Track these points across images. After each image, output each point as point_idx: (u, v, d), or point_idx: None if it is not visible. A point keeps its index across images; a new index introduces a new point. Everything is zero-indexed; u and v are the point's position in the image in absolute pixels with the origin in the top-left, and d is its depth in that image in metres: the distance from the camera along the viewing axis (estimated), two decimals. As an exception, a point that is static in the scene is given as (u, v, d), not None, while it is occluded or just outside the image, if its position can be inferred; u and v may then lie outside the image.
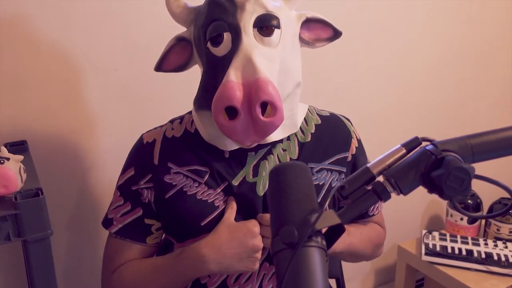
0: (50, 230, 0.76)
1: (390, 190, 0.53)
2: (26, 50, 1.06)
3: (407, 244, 1.66)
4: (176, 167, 0.86)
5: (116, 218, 0.89)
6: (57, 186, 1.15)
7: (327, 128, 0.93)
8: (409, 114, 1.71)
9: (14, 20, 1.03)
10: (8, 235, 0.74)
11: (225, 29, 0.76)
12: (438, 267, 1.53)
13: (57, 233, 1.05)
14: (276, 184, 0.53)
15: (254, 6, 0.76)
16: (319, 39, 0.86)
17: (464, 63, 1.78)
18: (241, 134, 0.74)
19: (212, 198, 0.85)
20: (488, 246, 1.58)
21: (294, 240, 0.48)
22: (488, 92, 1.90)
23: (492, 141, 0.56)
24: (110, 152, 1.21)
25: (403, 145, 0.56)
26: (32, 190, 0.77)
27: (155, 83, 1.21)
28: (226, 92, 0.72)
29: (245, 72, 0.73)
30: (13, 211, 0.73)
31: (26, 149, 1.02)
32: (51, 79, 1.10)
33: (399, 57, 1.62)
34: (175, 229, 0.89)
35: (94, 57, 1.14)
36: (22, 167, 0.81)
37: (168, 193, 0.86)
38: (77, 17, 1.10)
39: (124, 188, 0.89)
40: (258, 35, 0.76)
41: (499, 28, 1.82)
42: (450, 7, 1.66)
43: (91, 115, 1.17)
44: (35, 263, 0.76)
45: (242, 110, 0.72)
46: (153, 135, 0.89)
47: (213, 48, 0.77)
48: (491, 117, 1.93)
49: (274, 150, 0.87)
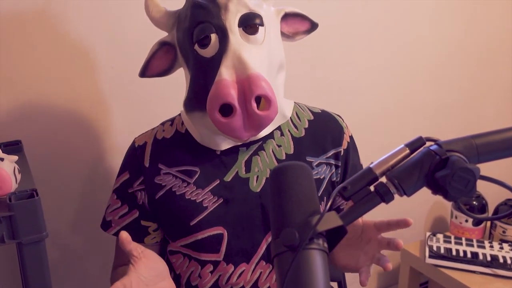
0: (45, 232, 0.76)
1: (393, 191, 0.53)
2: (21, 49, 1.06)
3: (411, 247, 1.66)
4: (166, 168, 0.88)
5: (114, 220, 0.92)
6: (52, 187, 1.15)
7: (320, 124, 0.96)
8: (412, 114, 1.71)
9: (13, 18, 1.03)
10: (2, 237, 0.74)
11: (211, 30, 0.78)
12: (443, 270, 1.53)
13: (53, 235, 1.05)
14: (277, 185, 0.53)
15: (237, 6, 0.79)
16: (298, 32, 0.90)
17: (467, 62, 1.78)
18: (238, 129, 0.77)
19: (200, 198, 0.87)
20: (494, 249, 1.58)
21: (295, 243, 0.48)
22: (492, 91, 1.90)
23: (497, 141, 0.56)
24: (105, 152, 1.21)
25: (407, 145, 0.56)
26: (27, 191, 0.77)
27: (151, 84, 1.21)
28: (221, 90, 0.74)
29: (236, 70, 0.75)
30: (7, 213, 0.73)
31: (21, 149, 1.02)
32: (45, 78, 1.10)
33: (402, 56, 1.62)
34: (167, 229, 0.92)
35: (90, 55, 1.14)
36: (16, 167, 0.81)
37: (158, 193, 0.88)
38: (74, 15, 1.10)
39: (120, 191, 0.92)
40: (243, 34, 0.79)
41: (502, 28, 1.82)
42: (453, 7, 1.66)
43: (86, 114, 1.17)
44: (30, 266, 0.76)
45: (237, 107, 0.74)
46: (144, 138, 0.92)
47: (200, 50, 0.79)
48: (496, 117, 1.93)
49: (265, 146, 0.89)
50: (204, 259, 0.88)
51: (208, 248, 0.88)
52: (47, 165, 1.14)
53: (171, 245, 0.93)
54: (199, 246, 0.88)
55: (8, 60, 1.06)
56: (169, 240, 0.93)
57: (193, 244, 0.88)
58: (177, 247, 0.91)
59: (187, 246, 0.89)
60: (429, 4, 1.61)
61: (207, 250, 0.88)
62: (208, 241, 0.87)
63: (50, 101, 1.12)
